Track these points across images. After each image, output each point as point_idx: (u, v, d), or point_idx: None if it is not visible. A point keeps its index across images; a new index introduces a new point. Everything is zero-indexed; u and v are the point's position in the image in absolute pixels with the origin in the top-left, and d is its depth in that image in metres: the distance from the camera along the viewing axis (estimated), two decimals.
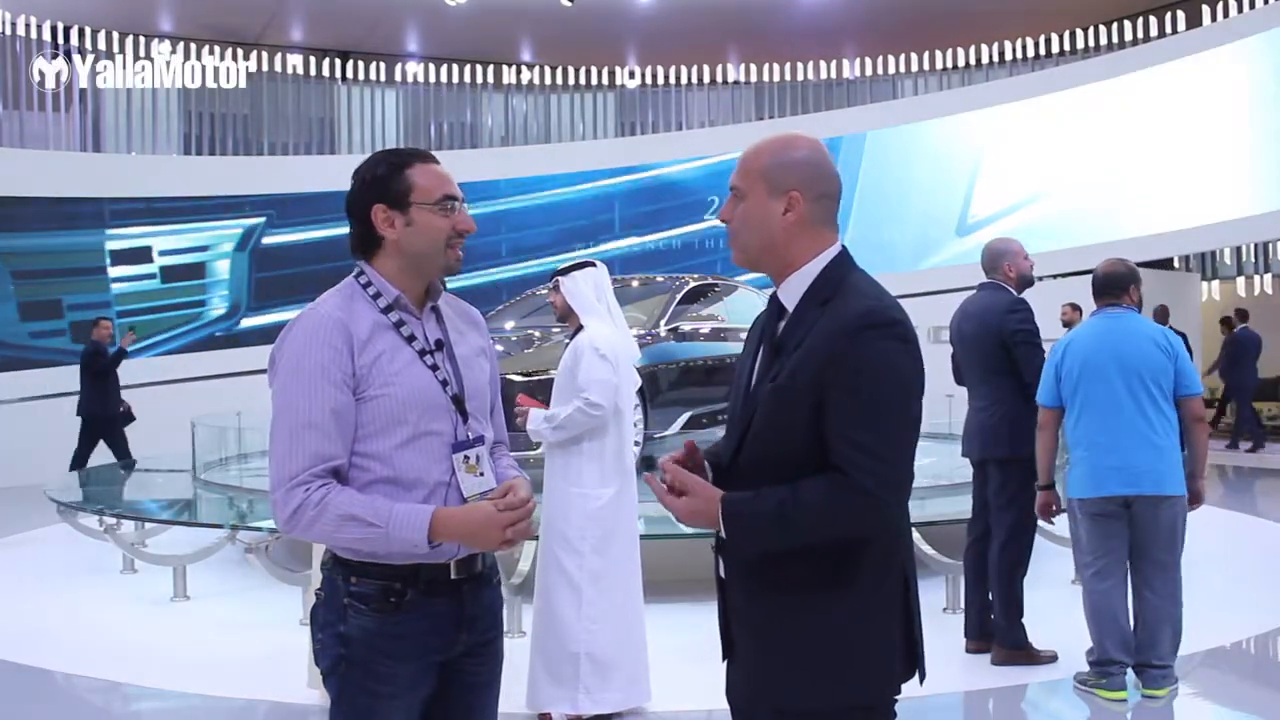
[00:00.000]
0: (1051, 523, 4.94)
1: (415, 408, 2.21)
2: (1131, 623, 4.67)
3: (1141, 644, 4.63)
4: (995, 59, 18.10)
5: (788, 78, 19.24)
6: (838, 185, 2.12)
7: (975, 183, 14.67)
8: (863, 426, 1.91)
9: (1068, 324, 10.35)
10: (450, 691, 2.30)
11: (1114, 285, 4.73)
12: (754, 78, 19.40)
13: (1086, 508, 4.65)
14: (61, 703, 5.20)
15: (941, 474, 7.79)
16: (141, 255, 14.37)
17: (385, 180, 2.25)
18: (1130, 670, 4.68)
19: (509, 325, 8.36)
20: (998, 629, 5.20)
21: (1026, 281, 5.24)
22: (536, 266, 15.54)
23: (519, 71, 19.45)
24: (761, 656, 2.05)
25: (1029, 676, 5.09)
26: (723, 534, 2.00)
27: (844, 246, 2.10)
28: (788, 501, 1.93)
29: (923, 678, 2.10)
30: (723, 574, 2.14)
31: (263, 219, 15.00)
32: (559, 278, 4.58)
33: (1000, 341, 5.07)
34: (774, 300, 2.13)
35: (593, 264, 4.63)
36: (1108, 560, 4.63)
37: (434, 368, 2.26)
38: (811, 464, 1.95)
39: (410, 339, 2.25)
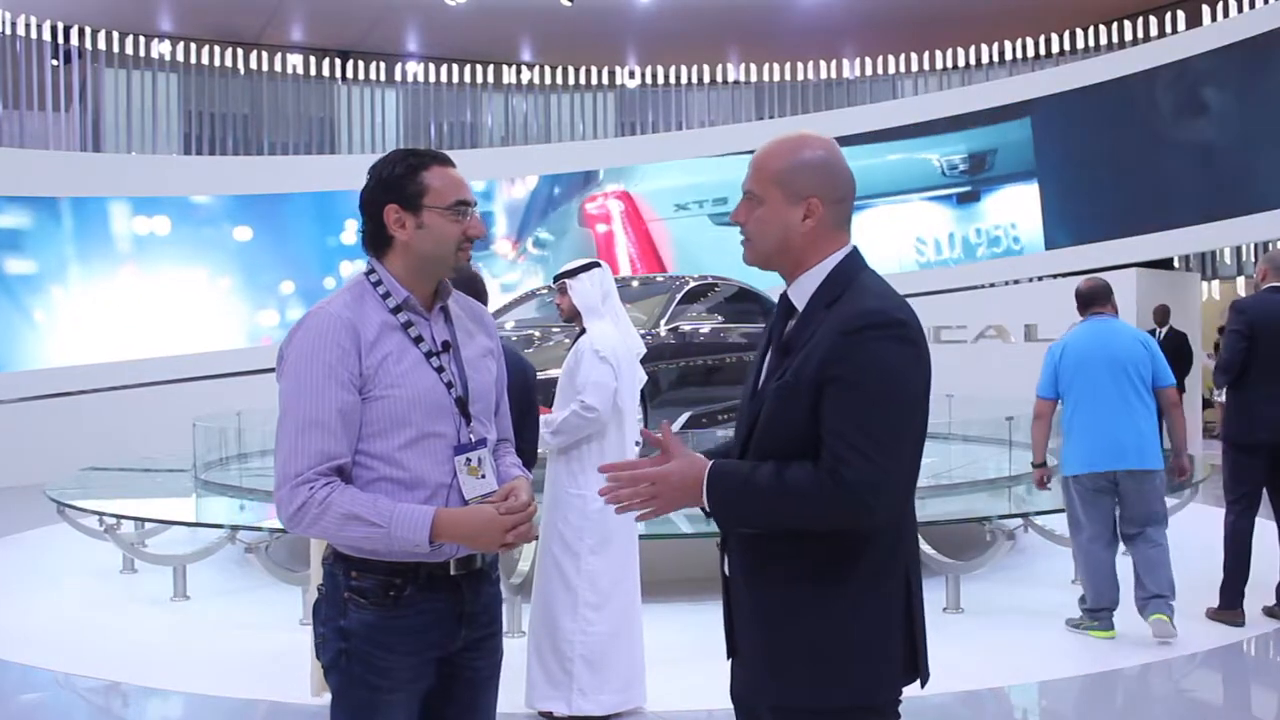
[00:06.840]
0: (1047, 488, 5.78)
1: (419, 409, 2.22)
2: (1133, 576, 5.37)
3: (1148, 583, 5.31)
4: (995, 59, 18.08)
5: (788, 78, 19.24)
6: (853, 186, 2.09)
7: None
8: (854, 424, 1.90)
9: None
10: (450, 687, 2.32)
11: (1102, 297, 5.60)
12: (754, 78, 19.40)
13: (1081, 483, 5.43)
14: (61, 703, 5.20)
15: (941, 474, 7.78)
16: None
17: (400, 180, 2.25)
18: (1138, 610, 5.33)
19: (509, 325, 8.35)
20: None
21: None
22: None
23: (519, 71, 19.45)
24: (765, 654, 2.05)
25: (1029, 676, 5.11)
26: (705, 500, 1.98)
27: (855, 247, 2.09)
28: (770, 475, 1.93)
29: (924, 681, 2.09)
30: (728, 571, 2.14)
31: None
32: (566, 280, 4.56)
33: None
34: (784, 300, 2.12)
35: (597, 264, 4.62)
36: (1099, 527, 5.42)
37: (440, 370, 2.27)
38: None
39: (418, 340, 2.27)
